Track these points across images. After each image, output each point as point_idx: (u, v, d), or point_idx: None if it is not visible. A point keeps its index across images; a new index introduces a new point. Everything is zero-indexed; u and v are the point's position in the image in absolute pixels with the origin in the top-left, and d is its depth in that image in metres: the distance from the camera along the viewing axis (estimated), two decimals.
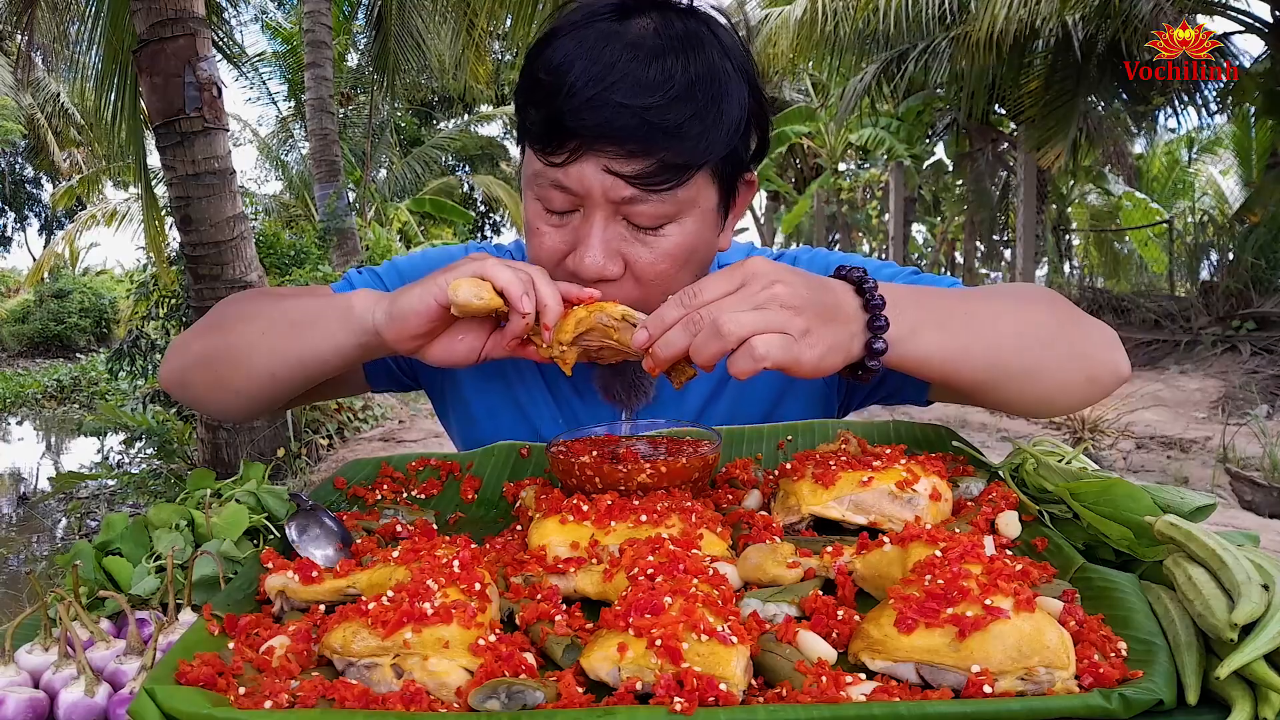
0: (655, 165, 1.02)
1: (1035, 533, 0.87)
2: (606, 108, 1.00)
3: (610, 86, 1.00)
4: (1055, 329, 1.10)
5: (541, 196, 1.09)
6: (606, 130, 1.00)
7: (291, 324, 1.11)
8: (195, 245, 5.97)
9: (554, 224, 1.10)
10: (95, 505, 7.62)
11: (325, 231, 9.91)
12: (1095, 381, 1.12)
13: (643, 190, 1.03)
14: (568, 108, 1.01)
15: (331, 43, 11.63)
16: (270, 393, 1.15)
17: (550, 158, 1.04)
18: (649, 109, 1.00)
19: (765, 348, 0.85)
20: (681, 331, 0.88)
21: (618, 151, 1.01)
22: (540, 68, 1.05)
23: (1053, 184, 16.79)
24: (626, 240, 1.08)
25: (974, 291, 1.16)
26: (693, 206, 1.08)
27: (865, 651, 0.67)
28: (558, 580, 0.80)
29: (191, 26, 5.73)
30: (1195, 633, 0.65)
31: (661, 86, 1.01)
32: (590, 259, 1.06)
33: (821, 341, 0.90)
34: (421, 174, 21.42)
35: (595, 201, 1.05)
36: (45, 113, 22.45)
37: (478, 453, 1.18)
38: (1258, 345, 10.09)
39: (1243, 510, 5.24)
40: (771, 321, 0.87)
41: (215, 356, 1.17)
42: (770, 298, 0.88)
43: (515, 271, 0.95)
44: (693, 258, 1.12)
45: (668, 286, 1.07)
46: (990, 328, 1.05)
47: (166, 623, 0.80)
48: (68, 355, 20.39)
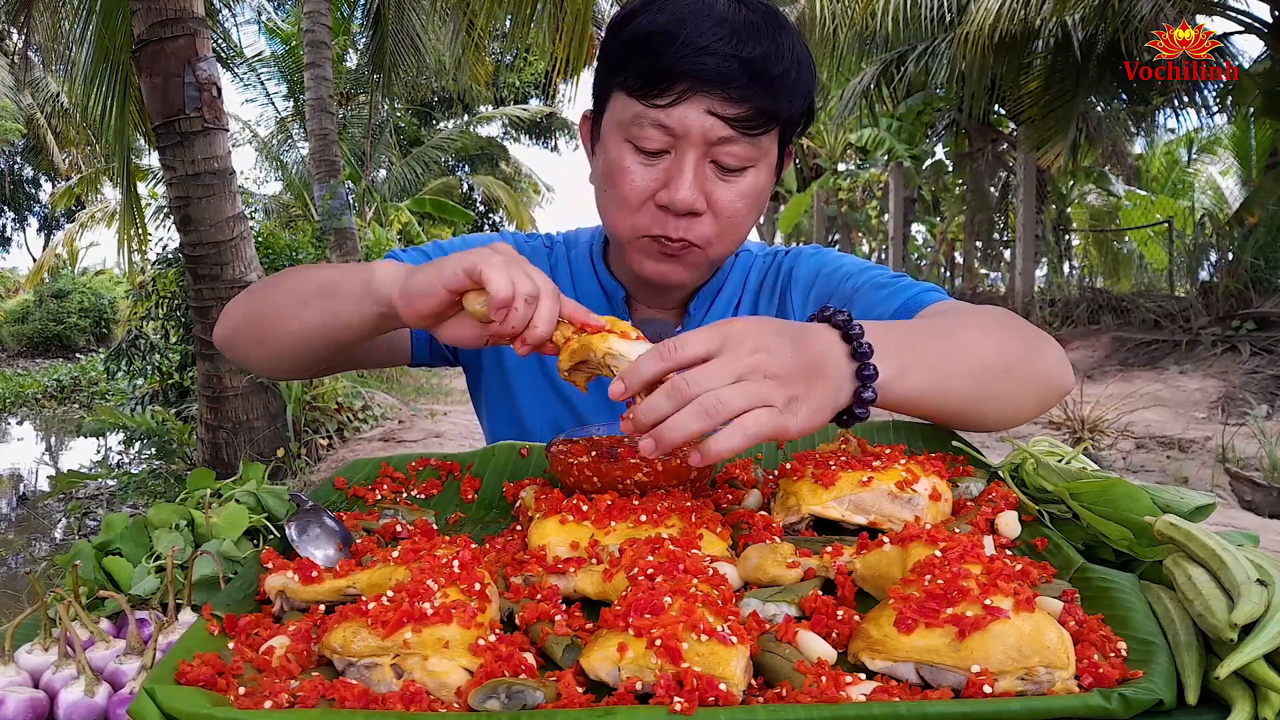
0: (752, 111, 1.17)
1: (1035, 533, 0.87)
2: (718, 55, 1.14)
3: (722, 38, 1.15)
4: (1019, 353, 1.13)
5: (636, 138, 1.21)
6: (716, 75, 1.15)
7: (318, 289, 1.16)
8: (195, 245, 5.97)
9: (645, 163, 1.22)
10: (95, 505, 7.61)
11: (323, 231, 9.89)
12: (1044, 402, 1.16)
13: (739, 133, 1.18)
14: (684, 54, 1.14)
15: (331, 43, 11.63)
16: (302, 354, 1.23)
17: (655, 100, 1.18)
18: (754, 60, 1.15)
19: (755, 425, 0.83)
20: (665, 399, 0.84)
21: (722, 95, 1.16)
22: (649, 20, 1.19)
23: (1052, 184, 16.79)
24: (711, 180, 1.22)
25: (947, 321, 1.16)
26: (766, 156, 1.25)
27: (865, 651, 0.67)
28: (558, 580, 0.80)
29: (191, 26, 5.73)
30: (1195, 633, 0.65)
31: (762, 41, 1.17)
32: (684, 192, 1.19)
33: (807, 405, 0.88)
34: (421, 174, 21.42)
35: (692, 141, 1.19)
36: (45, 113, 22.44)
37: (478, 453, 1.18)
38: (1258, 345, 10.08)
39: (1243, 510, 5.24)
40: (756, 396, 0.83)
41: (255, 317, 1.27)
42: (752, 368, 0.85)
43: (519, 282, 0.93)
44: (759, 202, 1.28)
45: (739, 228, 1.28)
46: (965, 360, 1.07)
47: (166, 623, 0.80)
48: (67, 355, 20.39)
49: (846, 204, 23.47)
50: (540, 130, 27.77)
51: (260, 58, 19.27)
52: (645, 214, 1.25)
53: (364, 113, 17.44)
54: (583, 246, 1.52)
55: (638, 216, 1.25)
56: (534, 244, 1.54)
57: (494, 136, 25.38)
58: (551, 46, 7.91)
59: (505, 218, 25.39)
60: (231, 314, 1.31)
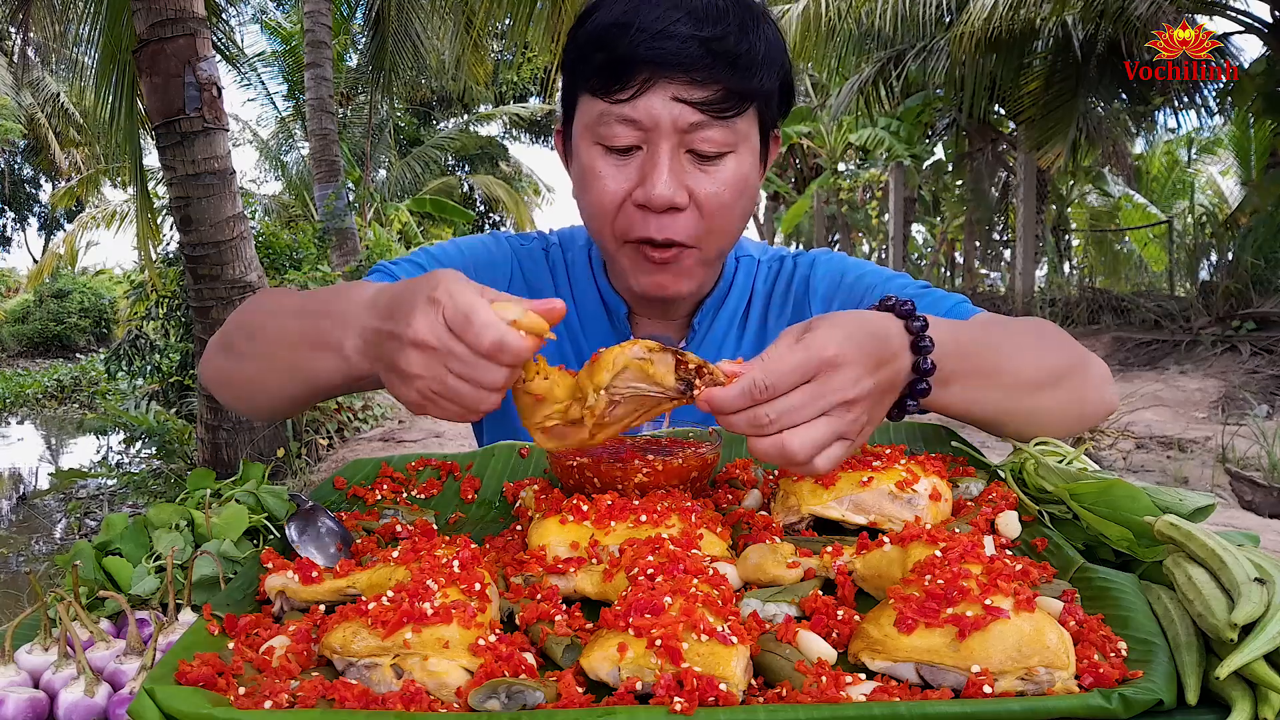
0: (720, 92, 1.13)
1: (1035, 533, 0.87)
2: (675, 38, 1.10)
3: (678, 21, 1.11)
4: (1063, 373, 1.13)
5: (604, 137, 1.16)
6: (676, 59, 1.10)
7: (304, 344, 1.03)
8: (195, 245, 5.97)
9: (616, 163, 1.17)
10: (95, 505, 7.62)
11: (324, 232, 9.91)
12: (1085, 419, 1.17)
13: (709, 116, 1.13)
14: (639, 41, 1.10)
15: (331, 43, 11.63)
16: (295, 405, 1.16)
17: (618, 95, 1.13)
18: (714, 39, 1.11)
19: (827, 463, 0.83)
20: (746, 424, 0.81)
21: (685, 79, 1.11)
22: (605, 16, 1.15)
23: (1052, 184, 16.78)
24: (690, 173, 1.16)
25: (1002, 333, 1.16)
26: (746, 140, 1.19)
27: (865, 651, 0.67)
28: (558, 580, 0.80)
29: (191, 27, 5.72)
30: (1195, 633, 0.65)
31: (722, 20, 1.12)
32: (661, 187, 1.14)
33: (872, 425, 0.87)
34: (421, 174, 21.42)
35: (663, 131, 1.14)
36: (45, 113, 22.45)
37: (478, 453, 1.18)
38: (1258, 345, 10.08)
39: (1243, 510, 5.24)
40: (835, 430, 0.82)
41: (234, 381, 1.19)
42: (837, 397, 0.81)
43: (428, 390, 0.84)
44: (746, 192, 1.21)
45: (727, 220, 1.20)
46: (1008, 376, 1.07)
47: (166, 623, 0.80)
48: (67, 355, 20.41)
49: (846, 204, 23.47)
50: (540, 129, 27.76)
51: (261, 57, 19.27)
52: (624, 217, 1.19)
53: (364, 113, 17.44)
54: (579, 250, 1.46)
55: (617, 220, 1.20)
56: (530, 246, 1.47)
57: (494, 136, 25.37)
58: (551, 44, 7.91)
59: (506, 217, 25.39)
60: (208, 368, 1.23)
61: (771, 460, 0.82)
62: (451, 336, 0.80)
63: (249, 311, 1.20)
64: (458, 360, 0.80)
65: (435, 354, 0.81)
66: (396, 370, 0.85)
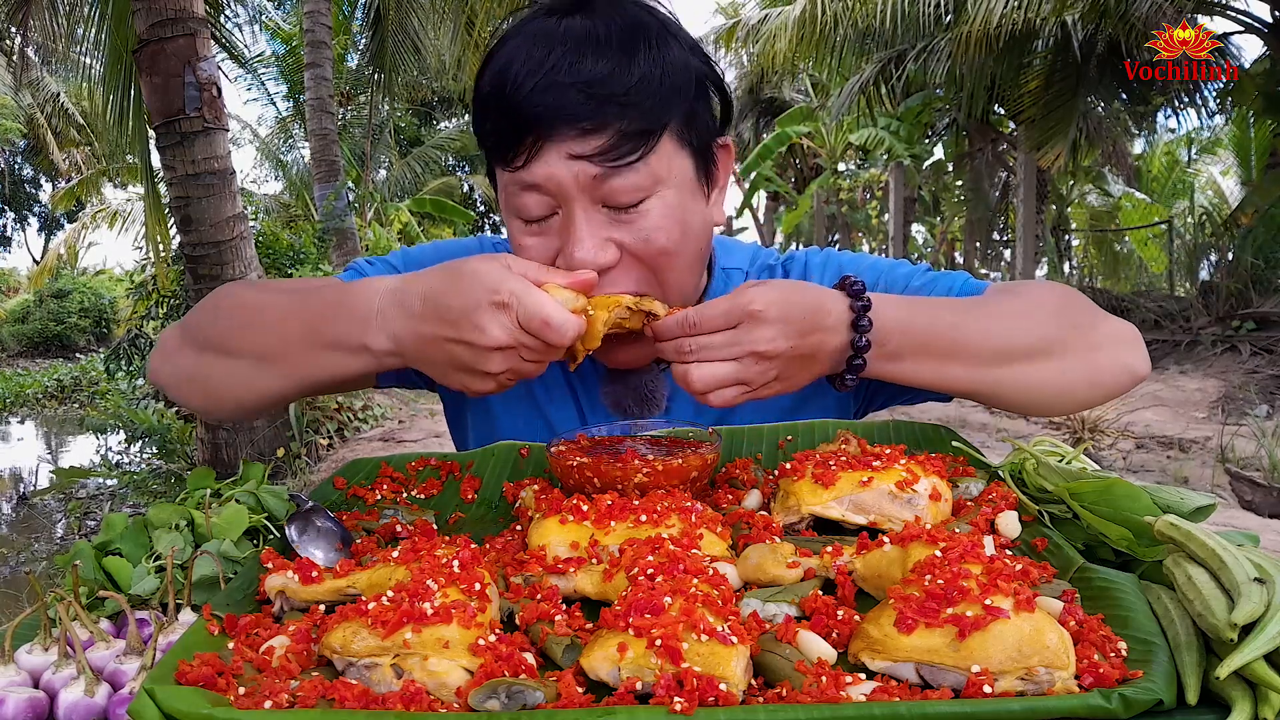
0: (615, 137, 1.02)
1: (1035, 533, 0.87)
2: (551, 90, 1.00)
3: (551, 71, 1.01)
4: (1056, 342, 1.11)
5: (516, 207, 1.08)
6: (558, 113, 1.01)
7: (311, 344, 1.04)
8: (195, 245, 5.98)
9: (535, 233, 1.09)
10: (95, 505, 7.62)
11: (325, 231, 9.91)
12: (1099, 387, 1.13)
13: (609, 166, 1.02)
14: (515, 101, 1.02)
15: (331, 43, 11.63)
16: (277, 405, 1.16)
17: (513, 162, 1.05)
18: (595, 81, 1.01)
19: (719, 400, 0.98)
20: (672, 350, 1.00)
21: (574, 132, 1.01)
22: (486, 80, 1.07)
23: (1052, 184, 16.79)
24: (611, 226, 1.06)
25: (971, 302, 1.15)
26: (667, 177, 1.07)
27: (865, 651, 0.67)
28: (558, 580, 0.80)
29: (191, 27, 5.73)
30: (1195, 633, 0.65)
31: (603, 54, 1.02)
32: (580, 251, 1.04)
33: (783, 383, 1.01)
34: (421, 174, 21.42)
35: (569, 193, 1.04)
36: (45, 113, 22.45)
37: (478, 453, 1.18)
38: (1257, 345, 10.08)
39: (1243, 510, 5.24)
40: (738, 375, 0.97)
41: (209, 379, 1.13)
42: (750, 347, 0.96)
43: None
44: (688, 230, 1.10)
45: (672, 261, 1.09)
46: (971, 351, 1.08)
47: (166, 623, 0.80)
48: (67, 355, 20.41)
49: (846, 204, 23.47)
50: None
51: (261, 58, 19.28)
52: None
53: (364, 113, 17.44)
54: None
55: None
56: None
57: None
58: None
59: None
60: (170, 363, 1.17)
61: (680, 384, 0.98)
62: (524, 333, 0.93)
63: (224, 309, 1.15)
64: (530, 350, 0.94)
65: (512, 351, 0.94)
66: (470, 370, 0.96)
